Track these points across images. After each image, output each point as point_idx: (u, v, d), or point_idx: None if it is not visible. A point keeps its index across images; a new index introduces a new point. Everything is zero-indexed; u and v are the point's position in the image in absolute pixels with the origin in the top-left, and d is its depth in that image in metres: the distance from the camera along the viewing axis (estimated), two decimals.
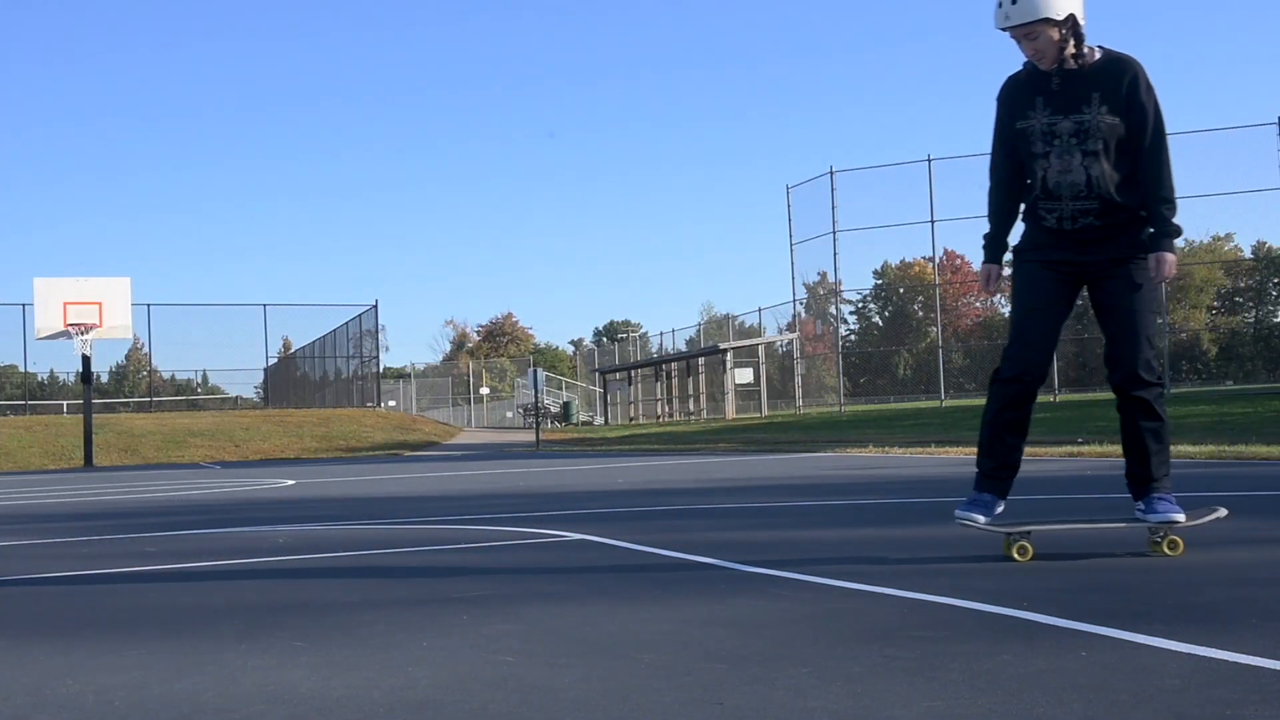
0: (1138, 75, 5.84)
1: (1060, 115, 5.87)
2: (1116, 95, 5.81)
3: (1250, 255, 66.20)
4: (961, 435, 26.30)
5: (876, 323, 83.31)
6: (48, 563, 7.41)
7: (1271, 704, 3.02)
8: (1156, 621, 4.12)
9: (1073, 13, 5.74)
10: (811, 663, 3.67)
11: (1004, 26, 5.83)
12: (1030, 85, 5.98)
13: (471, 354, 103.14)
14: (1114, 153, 5.86)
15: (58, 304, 35.83)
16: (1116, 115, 5.82)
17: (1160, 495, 6.16)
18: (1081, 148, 5.84)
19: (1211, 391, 41.33)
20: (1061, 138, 5.87)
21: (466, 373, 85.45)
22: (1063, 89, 5.87)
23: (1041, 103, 5.92)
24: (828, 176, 41.66)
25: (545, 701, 3.30)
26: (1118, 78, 5.82)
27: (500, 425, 69.57)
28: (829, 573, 5.63)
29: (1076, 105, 5.84)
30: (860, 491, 12.09)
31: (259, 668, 3.88)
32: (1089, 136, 5.84)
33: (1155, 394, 6.11)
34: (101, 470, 30.43)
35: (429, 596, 5.43)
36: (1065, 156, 5.87)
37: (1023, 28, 5.77)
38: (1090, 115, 5.82)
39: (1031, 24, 5.73)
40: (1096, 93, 5.82)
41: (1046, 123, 5.91)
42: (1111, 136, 5.84)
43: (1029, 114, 5.96)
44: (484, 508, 7.14)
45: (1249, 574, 5.38)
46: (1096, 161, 5.84)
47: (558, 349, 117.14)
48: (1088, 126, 5.83)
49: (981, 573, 5.59)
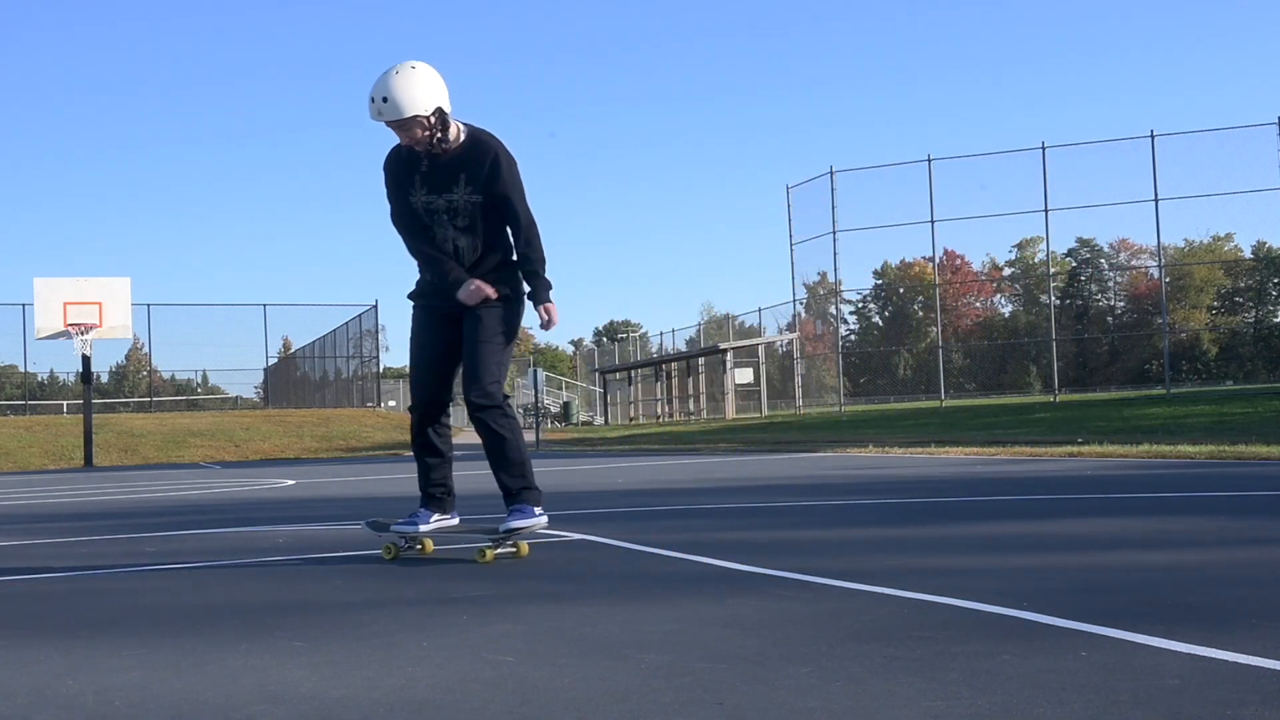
0: (498, 156, 6.49)
1: (434, 195, 6.52)
2: (480, 176, 6.46)
3: (1250, 255, 66.28)
4: (962, 435, 26.30)
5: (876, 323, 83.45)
6: (48, 562, 7.41)
7: (1271, 704, 3.02)
8: (1156, 622, 4.12)
9: (440, 106, 6.32)
10: (812, 663, 3.67)
11: (377, 119, 6.35)
12: (410, 163, 6.56)
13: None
14: (482, 225, 6.57)
15: (58, 304, 35.56)
16: (480, 194, 6.48)
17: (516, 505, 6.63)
18: (453, 224, 6.54)
19: (1211, 391, 41.32)
20: (437, 214, 6.54)
21: None
22: (433, 171, 6.50)
23: (419, 181, 6.54)
24: (828, 176, 41.63)
25: (545, 701, 3.30)
26: (480, 161, 6.47)
27: None
28: (830, 573, 5.63)
29: (447, 186, 6.48)
30: (860, 492, 12.10)
31: (259, 668, 3.88)
32: (458, 214, 6.53)
33: (494, 415, 6.61)
34: (101, 470, 30.38)
35: (429, 596, 5.43)
36: (441, 230, 6.57)
37: (394, 123, 6.32)
38: (458, 195, 6.48)
39: (402, 120, 6.28)
40: (463, 173, 6.47)
41: (425, 201, 6.55)
42: (478, 213, 6.53)
43: (410, 190, 6.59)
44: (484, 508, 7.13)
45: (1249, 574, 5.37)
46: (465, 235, 6.56)
47: (558, 349, 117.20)
48: (456, 206, 6.51)
49: (982, 573, 5.60)
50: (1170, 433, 23.84)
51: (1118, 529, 7.63)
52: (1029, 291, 78.38)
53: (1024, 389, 61.48)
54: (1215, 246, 70.83)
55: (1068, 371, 49.96)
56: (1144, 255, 71.84)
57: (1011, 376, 67.14)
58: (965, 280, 77.56)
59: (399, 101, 6.22)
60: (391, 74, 6.25)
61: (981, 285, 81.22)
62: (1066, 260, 79.12)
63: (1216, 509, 8.82)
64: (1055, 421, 29.21)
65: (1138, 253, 75.12)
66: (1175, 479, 12.25)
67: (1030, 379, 64.70)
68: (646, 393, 61.24)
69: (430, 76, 6.31)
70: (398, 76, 6.24)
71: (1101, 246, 79.74)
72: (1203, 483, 11.50)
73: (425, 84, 6.27)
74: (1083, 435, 23.32)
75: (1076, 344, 67.79)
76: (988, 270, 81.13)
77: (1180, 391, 38.90)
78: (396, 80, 6.23)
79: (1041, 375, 59.21)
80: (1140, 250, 73.96)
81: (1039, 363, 61.62)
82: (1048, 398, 39.78)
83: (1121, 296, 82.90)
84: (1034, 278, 74.10)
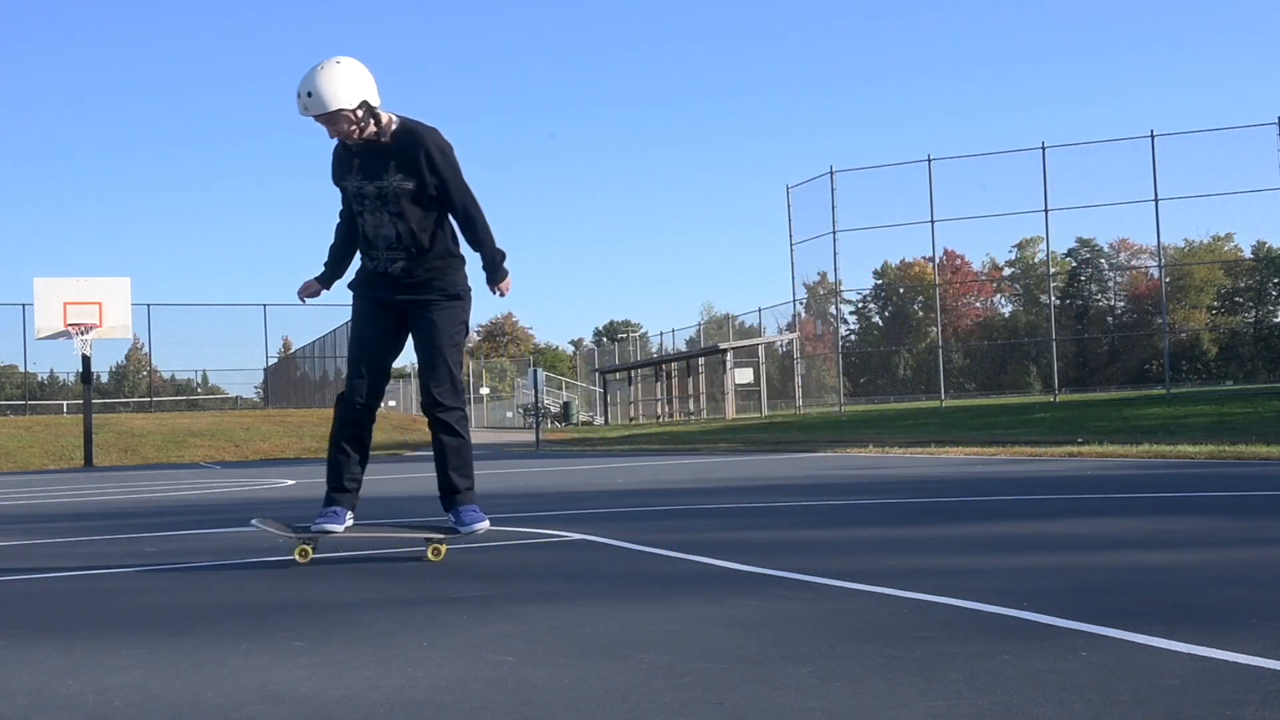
0: (429, 147, 6.56)
1: (367, 180, 6.61)
2: (414, 164, 6.54)
3: (1250, 255, 66.28)
4: (962, 435, 26.30)
5: (876, 323, 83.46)
6: (48, 562, 7.41)
7: (1271, 704, 3.02)
8: (1156, 622, 4.12)
9: (365, 99, 6.40)
10: (812, 662, 3.67)
11: (305, 115, 6.44)
12: (347, 152, 6.69)
13: (472, 354, 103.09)
14: (421, 211, 6.64)
15: (58, 304, 35.53)
16: (413, 180, 6.56)
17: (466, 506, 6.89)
18: (387, 209, 6.61)
19: (1211, 391, 41.34)
20: (369, 199, 6.63)
21: (467, 373, 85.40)
22: (366, 159, 6.60)
23: (356, 167, 6.65)
24: (828, 176, 41.71)
25: (544, 701, 3.30)
26: (413, 150, 6.55)
27: (500, 425, 69.60)
28: (829, 572, 5.63)
29: (379, 173, 6.57)
30: (860, 492, 12.10)
31: (259, 667, 3.88)
32: (389, 200, 6.59)
33: (457, 416, 6.83)
34: (101, 470, 30.35)
35: (429, 596, 5.43)
36: (377, 214, 6.64)
37: (321, 117, 6.40)
38: (387, 181, 6.56)
39: (328, 114, 6.37)
40: (393, 161, 6.55)
41: (357, 186, 6.66)
42: (411, 199, 6.60)
43: (346, 176, 6.72)
44: (484, 508, 7.12)
45: (1249, 574, 5.38)
46: (402, 220, 6.60)
47: (558, 349, 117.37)
48: (386, 191, 6.58)
49: (982, 573, 5.60)
50: (1170, 433, 23.85)
51: (1117, 529, 7.63)
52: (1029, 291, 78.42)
53: (1024, 389, 61.52)
54: (1215, 246, 70.84)
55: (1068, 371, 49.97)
56: (1144, 255, 71.92)
57: (1011, 376, 67.18)
58: (965, 280, 77.57)
59: (323, 96, 6.32)
60: (316, 70, 6.36)
61: (981, 285, 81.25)
62: (1066, 260, 79.14)
63: (1216, 509, 8.82)
64: (1055, 421, 29.21)
65: (1138, 253, 75.18)
66: (1175, 479, 12.25)
67: (1030, 379, 64.75)
68: (646, 393, 61.25)
69: (355, 70, 6.41)
70: (322, 72, 6.34)
71: (1101, 246, 79.83)
72: (1202, 483, 11.49)
73: (349, 78, 6.37)
74: (1083, 435, 23.33)
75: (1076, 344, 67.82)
76: (988, 270, 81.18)
77: (1180, 391, 38.92)
78: (321, 75, 6.34)
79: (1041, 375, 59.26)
80: (1140, 250, 74.04)
81: (1039, 363, 61.66)
82: (1048, 398, 39.79)
83: (1121, 296, 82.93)
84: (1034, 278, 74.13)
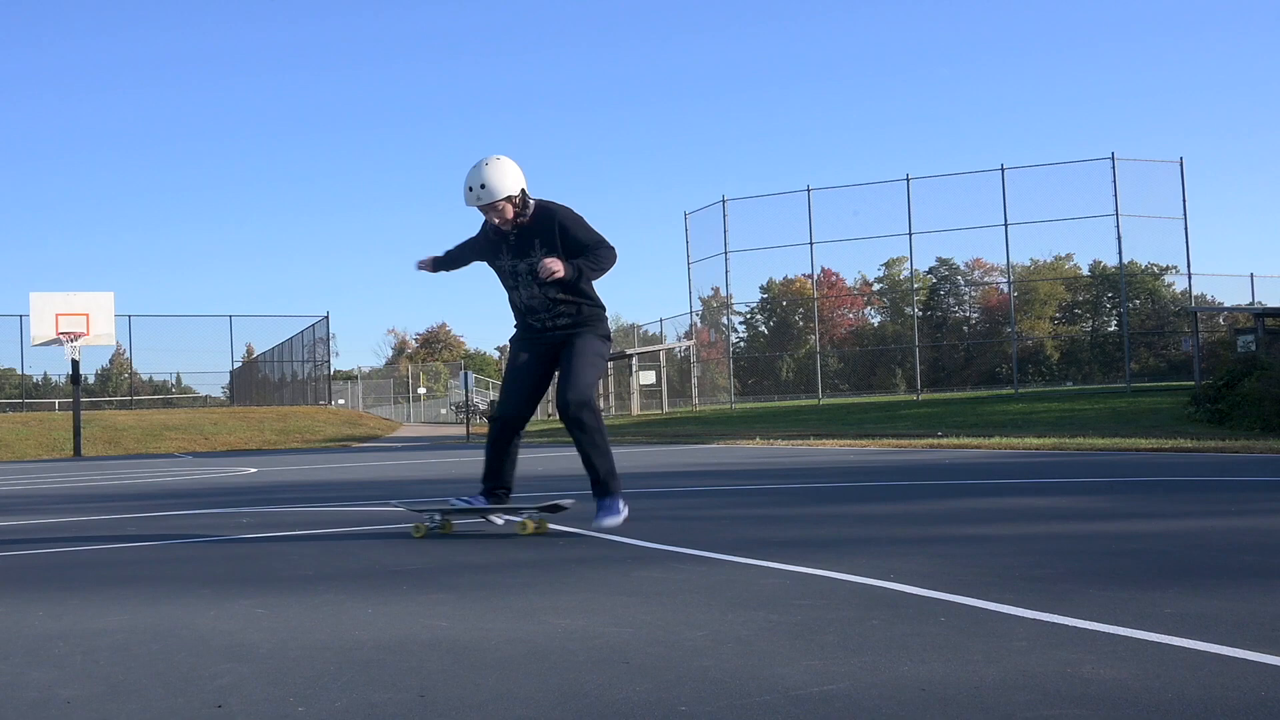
0: (563, 223, 6.71)
1: (519, 259, 6.82)
2: (552, 239, 6.70)
3: (1088, 273, 67.14)
4: (836, 429, 26.47)
5: (763, 331, 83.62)
6: (40, 539, 7.31)
7: (1106, 661, 3.06)
8: (1007, 591, 4.17)
9: (523, 187, 6.69)
10: (706, 627, 3.68)
11: (472, 205, 6.70)
12: (500, 235, 6.86)
13: (410, 359, 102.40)
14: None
15: (50, 315, 36.11)
16: (555, 252, 6.69)
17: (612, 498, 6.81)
18: (536, 282, 6.77)
19: (1054, 391, 41.90)
20: (522, 275, 6.83)
21: (406, 375, 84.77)
22: (517, 241, 6.79)
23: (505, 249, 6.85)
24: (720, 204, 41.96)
25: (473, 660, 3.28)
26: (550, 227, 6.71)
27: (435, 421, 69.10)
28: (722, 548, 5.65)
29: (526, 252, 6.77)
30: (749, 477, 12.14)
31: (226, 631, 3.87)
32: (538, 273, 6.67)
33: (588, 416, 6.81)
34: (89, 460, 30.03)
35: (374, 569, 5.39)
36: (526, 287, 6.84)
37: (486, 206, 6.67)
38: (536, 258, 6.72)
39: (494, 202, 6.64)
40: (537, 239, 6.73)
41: (511, 265, 6.86)
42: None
43: (499, 257, 6.91)
44: (423, 491, 7.09)
45: (1085, 547, 5.44)
46: (549, 287, 6.76)
47: (486, 354, 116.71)
48: (536, 266, 6.70)
49: (854, 548, 5.62)
50: (1019, 427, 24.15)
51: (973, 509, 7.71)
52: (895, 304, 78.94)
53: (891, 389, 61.92)
54: (1057, 265, 71.66)
55: (929, 374, 50.36)
56: (995, 273, 72.64)
57: (880, 378, 67.61)
58: (840, 294, 78.07)
59: (494, 188, 6.59)
60: (483, 166, 6.62)
61: (854, 299, 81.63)
62: (928, 277, 79.73)
63: (1059, 491, 8.92)
64: (918, 418, 29.48)
65: (990, 270, 75.94)
66: (1023, 466, 12.41)
67: (896, 380, 65.15)
68: None
69: (513, 164, 6.69)
70: (488, 168, 6.61)
71: (958, 265, 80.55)
72: (1047, 469, 11.64)
73: (512, 172, 6.65)
74: (943, 429, 23.56)
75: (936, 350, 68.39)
76: (859, 286, 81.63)
77: (1027, 391, 39.36)
78: (488, 170, 6.60)
79: (906, 377, 59.63)
80: (992, 268, 74.82)
81: (904, 366, 62.02)
82: (912, 397, 40.13)
83: (975, 309, 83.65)
84: (899, 292, 74.67)
